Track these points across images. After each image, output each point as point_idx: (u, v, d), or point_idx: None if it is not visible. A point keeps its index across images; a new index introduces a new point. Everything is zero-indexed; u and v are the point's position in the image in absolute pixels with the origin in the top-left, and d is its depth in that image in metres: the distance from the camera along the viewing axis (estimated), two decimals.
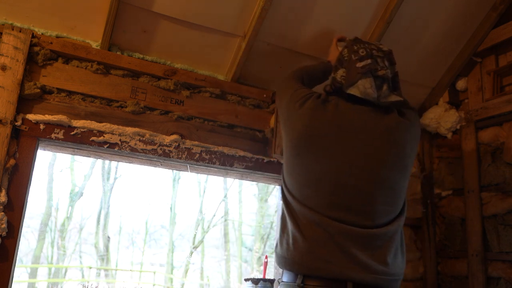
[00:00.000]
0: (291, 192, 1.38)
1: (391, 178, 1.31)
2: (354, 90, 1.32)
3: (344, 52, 1.43)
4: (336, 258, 1.22)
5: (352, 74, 1.34)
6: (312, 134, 1.33)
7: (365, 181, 1.29)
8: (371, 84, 1.32)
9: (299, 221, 1.31)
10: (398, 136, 1.34)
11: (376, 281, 1.21)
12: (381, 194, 1.30)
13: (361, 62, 1.34)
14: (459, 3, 2.05)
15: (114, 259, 9.17)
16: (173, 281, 9.19)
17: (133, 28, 1.75)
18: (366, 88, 1.31)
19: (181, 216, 9.64)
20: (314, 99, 1.38)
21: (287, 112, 1.44)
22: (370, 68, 1.33)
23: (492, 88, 2.15)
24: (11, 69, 1.52)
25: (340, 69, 1.40)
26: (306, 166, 1.34)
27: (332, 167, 1.30)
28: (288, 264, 1.29)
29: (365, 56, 1.35)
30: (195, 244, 9.37)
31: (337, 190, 1.28)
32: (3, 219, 1.45)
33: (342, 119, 1.33)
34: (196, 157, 1.83)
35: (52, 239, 8.51)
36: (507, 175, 2.05)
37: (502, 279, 2.00)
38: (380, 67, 1.34)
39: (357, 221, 1.26)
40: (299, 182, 1.35)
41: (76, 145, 1.65)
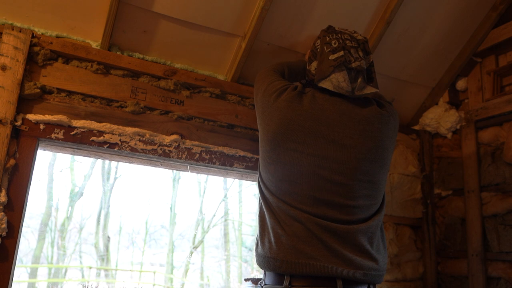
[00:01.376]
0: (268, 188, 1.33)
1: (371, 171, 1.28)
2: (327, 83, 1.29)
3: (316, 43, 1.38)
4: (322, 255, 1.19)
5: (324, 67, 1.30)
6: (288, 128, 1.28)
7: (345, 175, 1.25)
8: (345, 78, 1.28)
9: (279, 218, 1.27)
10: (378, 128, 1.30)
11: (364, 278, 1.20)
12: (362, 188, 1.27)
13: (333, 54, 1.29)
14: (459, 3, 2.06)
15: (114, 259, 9.17)
16: (173, 281, 9.19)
17: (133, 28, 1.75)
18: (340, 81, 1.27)
19: (181, 216, 9.64)
20: (290, 91, 1.33)
21: (263, 105, 1.39)
22: (343, 60, 1.28)
23: (492, 88, 2.15)
24: (11, 69, 1.52)
25: (314, 61, 1.37)
26: (284, 161, 1.29)
27: (310, 161, 1.25)
28: (272, 263, 1.24)
29: (337, 48, 1.30)
30: (195, 244, 9.37)
31: (316, 185, 1.24)
32: (3, 219, 1.45)
33: (319, 111, 1.29)
34: (196, 157, 1.83)
35: (52, 239, 8.50)
36: (507, 175, 2.05)
37: (502, 279, 2.00)
38: (354, 58, 1.29)
39: (338, 217, 1.23)
40: (277, 177, 1.30)
41: (76, 145, 1.65)
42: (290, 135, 1.28)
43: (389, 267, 2.20)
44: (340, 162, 1.25)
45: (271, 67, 1.58)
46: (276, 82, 1.41)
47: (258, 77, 1.57)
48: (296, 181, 1.26)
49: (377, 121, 1.30)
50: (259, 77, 1.54)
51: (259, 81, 1.52)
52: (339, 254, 1.19)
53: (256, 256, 1.34)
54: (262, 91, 1.42)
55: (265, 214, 1.33)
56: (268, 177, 1.34)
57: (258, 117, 1.42)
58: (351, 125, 1.28)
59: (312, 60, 1.37)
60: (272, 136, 1.31)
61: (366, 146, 1.27)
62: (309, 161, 1.25)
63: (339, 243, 1.20)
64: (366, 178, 1.27)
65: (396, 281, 2.23)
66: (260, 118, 1.40)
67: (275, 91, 1.36)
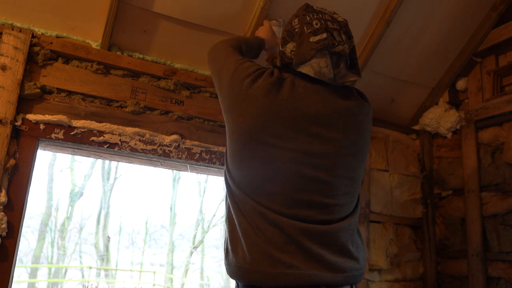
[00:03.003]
0: (240, 188, 1.17)
1: (352, 166, 1.18)
2: (307, 68, 1.14)
3: (294, 22, 1.22)
4: (302, 261, 1.07)
5: (304, 50, 1.15)
6: (266, 120, 1.13)
7: (328, 171, 1.13)
8: (327, 63, 1.14)
9: (252, 222, 1.12)
10: (361, 120, 1.20)
11: (347, 280, 1.10)
12: (343, 185, 1.16)
13: (315, 36, 1.15)
14: (459, 3, 2.05)
15: (114, 259, 9.17)
16: (173, 281, 9.19)
17: (133, 28, 1.75)
18: (322, 67, 1.14)
19: (181, 216, 9.64)
20: (267, 77, 1.16)
21: (232, 92, 1.19)
22: (326, 43, 1.14)
23: (492, 88, 2.15)
24: (11, 69, 1.52)
25: (290, 43, 1.20)
26: (260, 157, 1.14)
27: (291, 157, 1.12)
28: (247, 275, 1.09)
29: (319, 29, 1.16)
30: (195, 244, 9.37)
31: (297, 184, 1.12)
32: (3, 219, 1.45)
33: (300, 101, 1.14)
34: (196, 157, 1.83)
35: (52, 239, 8.51)
36: (507, 175, 2.05)
37: (502, 279, 2.00)
38: (337, 42, 1.16)
39: (318, 217, 1.12)
40: (251, 175, 1.16)
41: (76, 145, 1.65)
42: (267, 128, 1.12)
43: (389, 267, 2.20)
44: (323, 157, 1.13)
45: (227, 42, 1.38)
46: (245, 63, 1.22)
47: (215, 53, 1.35)
48: (274, 180, 1.12)
49: (360, 113, 1.20)
50: (218, 54, 1.33)
51: (219, 59, 1.31)
52: (320, 258, 1.08)
53: (226, 265, 1.19)
54: (230, 74, 1.21)
55: (234, 218, 1.18)
56: (240, 175, 1.18)
57: (225, 106, 1.22)
58: (335, 117, 1.15)
59: (288, 41, 1.21)
60: (246, 129, 1.14)
61: (350, 139, 1.17)
62: (290, 157, 1.11)
63: (320, 246, 1.09)
64: (347, 174, 1.17)
65: (396, 281, 2.23)
66: (229, 107, 1.20)
67: (248, 75, 1.17)
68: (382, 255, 2.16)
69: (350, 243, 1.15)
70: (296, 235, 1.09)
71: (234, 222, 1.17)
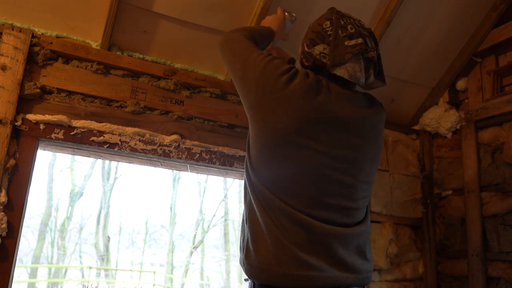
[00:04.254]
0: (267, 187, 1.17)
1: (370, 172, 1.23)
2: (342, 71, 1.15)
3: (326, 25, 1.22)
4: (326, 263, 1.10)
5: (340, 53, 1.16)
6: (303, 121, 1.13)
7: (352, 176, 1.17)
8: (361, 67, 1.16)
9: (277, 222, 1.12)
10: (380, 128, 1.25)
11: (364, 281, 1.15)
12: (362, 189, 1.20)
13: (350, 40, 1.17)
14: (459, 3, 2.06)
15: (114, 259, 9.17)
16: (173, 281, 9.19)
17: (133, 28, 1.75)
18: (356, 71, 1.16)
19: (181, 216, 9.64)
20: (304, 78, 1.16)
21: (264, 88, 1.16)
22: (362, 48, 1.16)
23: (492, 88, 2.15)
24: (11, 69, 1.52)
25: (320, 45, 1.20)
26: (292, 158, 1.14)
27: (322, 160, 1.14)
28: (272, 277, 1.10)
29: (355, 34, 1.18)
30: (195, 244, 9.37)
31: (325, 187, 1.14)
32: (3, 219, 1.45)
33: (334, 106, 1.16)
34: (196, 157, 1.83)
35: (52, 239, 8.51)
36: (507, 175, 2.05)
37: (502, 279, 2.00)
38: (369, 48, 1.19)
39: (341, 220, 1.15)
40: (280, 175, 1.16)
41: (76, 145, 1.65)
42: (303, 130, 1.13)
43: (389, 267, 2.20)
44: (350, 162, 1.17)
45: (241, 32, 1.35)
46: (275, 60, 1.20)
47: (231, 44, 1.32)
48: (303, 181, 1.14)
49: (380, 120, 1.26)
50: (236, 46, 1.30)
51: (238, 51, 1.28)
52: (342, 261, 1.11)
53: (247, 265, 1.17)
54: (259, 69, 1.18)
55: (258, 217, 1.18)
56: (267, 174, 1.18)
57: (252, 102, 1.19)
58: (361, 123, 1.19)
59: (317, 43, 1.21)
60: (281, 129, 1.13)
61: (371, 146, 1.22)
62: (321, 160, 1.13)
63: (343, 248, 1.12)
64: (366, 179, 1.22)
65: (396, 281, 2.23)
66: (257, 104, 1.18)
67: (282, 73, 1.16)
68: (382, 255, 2.16)
69: (365, 245, 1.19)
70: (321, 236, 1.11)
71: (258, 221, 1.17)
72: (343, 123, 1.16)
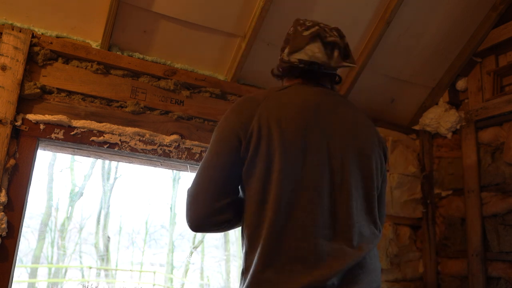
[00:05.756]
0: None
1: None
2: (301, 55, 1.15)
3: (289, 30, 1.26)
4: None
5: (298, 42, 1.17)
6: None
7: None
8: (320, 49, 1.15)
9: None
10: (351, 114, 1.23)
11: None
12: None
13: (307, 30, 1.18)
14: (459, 3, 2.06)
15: (114, 259, 9.17)
16: (173, 281, 9.19)
17: (133, 28, 1.75)
18: (315, 52, 1.15)
19: (181, 216, 9.64)
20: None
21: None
22: (318, 33, 1.16)
23: (492, 88, 2.15)
24: (11, 69, 1.52)
25: (286, 47, 1.21)
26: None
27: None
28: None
29: (311, 26, 1.19)
30: (195, 244, 9.38)
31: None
32: (3, 219, 1.45)
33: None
34: (196, 157, 1.83)
35: (52, 239, 8.51)
36: (507, 175, 2.05)
37: (502, 279, 2.00)
38: (328, 33, 1.19)
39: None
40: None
41: (76, 145, 1.65)
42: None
43: (389, 267, 2.20)
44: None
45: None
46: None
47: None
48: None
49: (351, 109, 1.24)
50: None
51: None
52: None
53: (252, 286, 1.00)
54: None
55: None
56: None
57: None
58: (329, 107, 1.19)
59: (285, 48, 1.22)
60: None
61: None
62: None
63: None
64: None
65: (396, 281, 2.23)
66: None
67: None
68: (382, 255, 2.16)
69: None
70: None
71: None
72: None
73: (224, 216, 1.05)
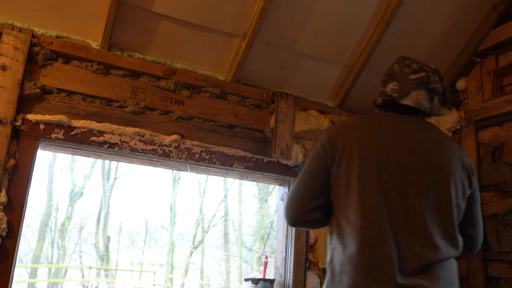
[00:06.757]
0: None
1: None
2: (408, 100, 1.33)
3: (395, 67, 1.44)
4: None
5: (405, 86, 1.35)
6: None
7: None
8: (424, 96, 1.34)
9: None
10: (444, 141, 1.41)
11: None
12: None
13: (414, 74, 1.36)
14: (459, 3, 2.05)
15: (114, 259, 9.17)
16: (173, 281, 9.19)
17: (133, 28, 1.75)
18: (420, 99, 1.33)
19: (181, 216, 9.64)
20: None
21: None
22: (424, 80, 1.35)
23: (492, 88, 2.15)
24: (11, 69, 1.52)
25: (391, 83, 1.40)
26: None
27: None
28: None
29: (418, 69, 1.38)
30: (195, 244, 9.37)
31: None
32: (3, 219, 1.45)
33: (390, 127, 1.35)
34: (196, 157, 1.83)
35: (52, 239, 8.51)
36: (507, 175, 2.05)
37: (502, 279, 2.00)
38: (432, 80, 1.36)
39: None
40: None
41: (76, 145, 1.65)
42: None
43: None
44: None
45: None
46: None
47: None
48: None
49: (444, 138, 1.41)
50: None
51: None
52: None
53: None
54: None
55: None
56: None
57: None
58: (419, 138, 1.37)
59: (389, 82, 1.41)
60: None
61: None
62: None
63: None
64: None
65: None
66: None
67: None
68: None
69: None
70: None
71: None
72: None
73: (313, 216, 1.30)
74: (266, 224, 9.25)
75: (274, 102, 2.03)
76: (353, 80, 2.13)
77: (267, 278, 1.96)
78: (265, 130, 2.00)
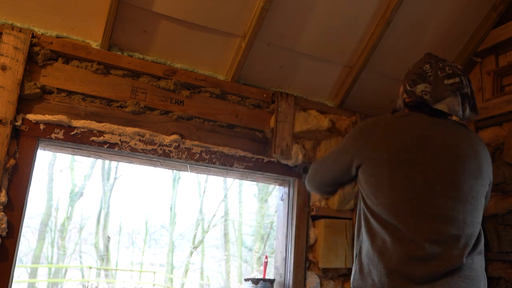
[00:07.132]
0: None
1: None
2: (443, 106, 1.35)
3: (425, 67, 1.44)
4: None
5: (440, 91, 1.37)
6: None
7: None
8: (458, 102, 1.36)
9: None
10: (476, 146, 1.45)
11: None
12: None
13: (449, 79, 1.37)
14: (459, 3, 2.05)
15: (114, 259, 9.17)
16: (173, 281, 9.19)
17: (133, 28, 1.75)
18: (454, 105, 1.36)
19: (181, 216, 9.64)
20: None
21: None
22: (459, 86, 1.37)
23: (492, 88, 2.15)
24: (11, 69, 1.52)
25: (421, 84, 1.41)
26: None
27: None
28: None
29: (452, 74, 1.39)
30: (195, 244, 9.38)
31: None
32: (3, 219, 1.45)
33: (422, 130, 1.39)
34: (196, 157, 1.83)
35: (52, 239, 8.51)
36: (507, 175, 2.05)
37: (502, 279, 2.00)
38: (464, 85, 1.39)
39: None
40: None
41: (76, 145, 1.65)
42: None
43: None
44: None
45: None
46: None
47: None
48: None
49: (478, 142, 1.47)
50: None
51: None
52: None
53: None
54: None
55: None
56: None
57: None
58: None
59: (418, 83, 1.42)
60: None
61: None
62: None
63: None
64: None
65: None
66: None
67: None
68: None
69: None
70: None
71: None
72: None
73: (328, 192, 1.62)
74: (266, 224, 9.25)
75: (274, 102, 2.03)
76: (353, 80, 2.13)
77: (267, 278, 1.96)
78: (265, 130, 2.00)
